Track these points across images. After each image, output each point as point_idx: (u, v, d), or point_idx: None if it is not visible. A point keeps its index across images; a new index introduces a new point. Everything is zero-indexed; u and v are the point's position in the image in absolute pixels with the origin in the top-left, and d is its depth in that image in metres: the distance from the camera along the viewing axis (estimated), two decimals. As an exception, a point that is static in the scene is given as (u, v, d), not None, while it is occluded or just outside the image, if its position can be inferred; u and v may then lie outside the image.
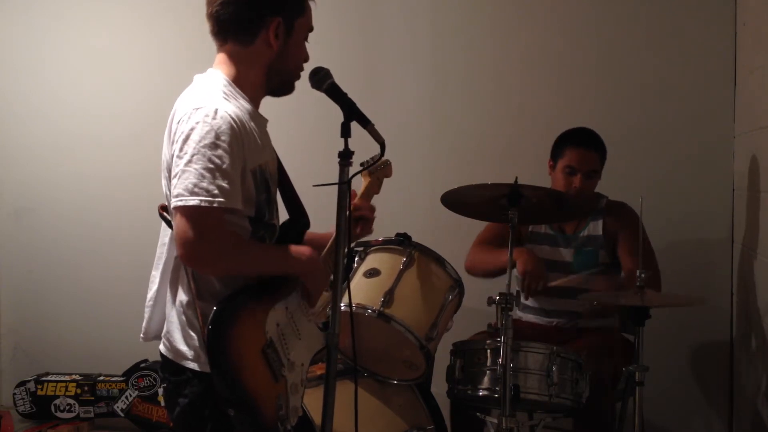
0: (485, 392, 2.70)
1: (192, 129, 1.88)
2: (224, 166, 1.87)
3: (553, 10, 3.81)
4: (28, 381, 4.04)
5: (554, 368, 2.64)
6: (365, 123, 1.98)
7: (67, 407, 4.00)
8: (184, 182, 1.86)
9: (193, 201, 1.85)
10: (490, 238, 3.29)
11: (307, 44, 2.14)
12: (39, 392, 4.02)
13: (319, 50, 2.23)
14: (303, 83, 2.07)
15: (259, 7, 2.02)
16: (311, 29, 2.13)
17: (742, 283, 3.40)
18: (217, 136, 1.87)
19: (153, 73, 4.14)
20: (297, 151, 3.70)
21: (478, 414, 2.87)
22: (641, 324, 2.61)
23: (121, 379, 3.97)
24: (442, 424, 3.01)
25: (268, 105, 2.23)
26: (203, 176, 1.85)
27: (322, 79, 2.01)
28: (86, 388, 4.00)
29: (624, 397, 2.85)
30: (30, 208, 4.36)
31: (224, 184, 1.86)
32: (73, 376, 4.05)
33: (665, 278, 3.27)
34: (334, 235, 2.19)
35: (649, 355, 2.63)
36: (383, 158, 2.08)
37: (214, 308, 1.91)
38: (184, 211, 1.86)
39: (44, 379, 4.05)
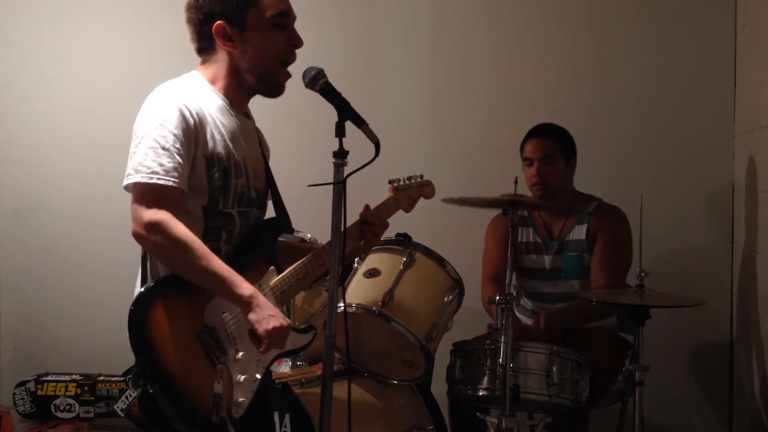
0: (485, 392, 2.70)
1: (145, 115, 2.01)
2: (168, 145, 1.95)
3: (552, 10, 3.81)
4: (28, 381, 4.04)
5: (554, 368, 2.64)
6: (359, 123, 1.98)
7: (67, 407, 4.00)
8: (133, 162, 1.97)
9: (136, 178, 1.95)
10: (496, 273, 3.28)
11: (298, 30, 2.12)
12: (39, 392, 4.02)
13: (319, 50, 2.24)
14: (298, 83, 2.07)
15: (202, 18, 2.09)
16: (282, 14, 2.09)
17: (742, 283, 3.40)
18: (165, 118, 1.97)
19: (154, 73, 4.09)
20: (292, 151, 3.72)
21: (477, 414, 2.87)
22: (641, 324, 2.61)
23: (121, 379, 3.97)
24: (442, 424, 3.01)
25: (264, 106, 2.23)
26: (147, 155, 1.95)
27: (315, 79, 2.01)
28: (86, 388, 4.00)
29: (624, 397, 2.85)
30: (30, 208, 4.36)
31: (166, 162, 1.94)
32: (73, 376, 4.05)
33: (666, 278, 3.27)
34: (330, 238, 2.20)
35: (649, 355, 2.62)
36: (419, 177, 2.32)
37: (141, 288, 2.00)
38: (130, 188, 1.97)
39: (44, 379, 4.05)
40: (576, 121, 3.41)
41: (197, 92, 2.07)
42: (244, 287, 1.98)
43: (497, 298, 2.58)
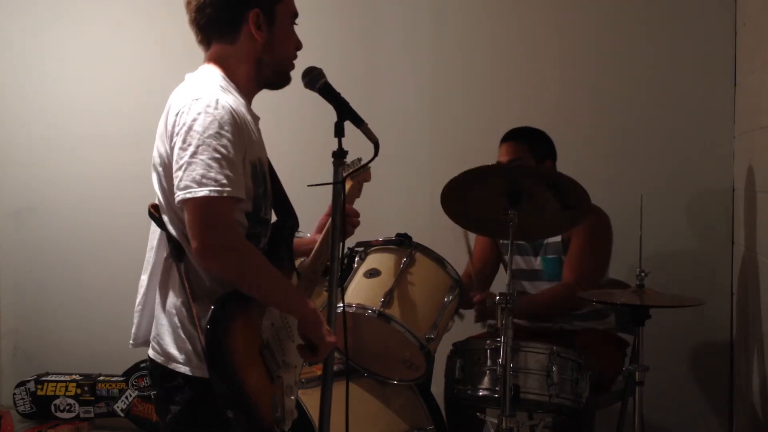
0: (485, 392, 2.70)
1: (194, 120, 1.85)
2: (230, 155, 1.84)
3: (552, 10, 3.81)
4: (28, 381, 4.05)
5: (554, 368, 2.64)
6: (358, 123, 1.97)
7: (67, 407, 4.00)
8: (191, 174, 1.82)
9: (203, 192, 1.80)
10: (475, 270, 3.20)
11: (296, 31, 2.10)
12: (39, 392, 4.02)
13: (319, 50, 2.23)
14: (297, 83, 2.06)
15: (234, 3, 1.98)
16: (296, 14, 2.08)
17: (742, 283, 3.40)
18: (221, 126, 1.84)
19: (154, 73, 4.14)
20: (291, 151, 3.72)
21: (477, 414, 2.87)
22: (641, 324, 2.61)
23: (121, 379, 3.97)
24: (442, 424, 3.01)
25: (263, 105, 2.23)
26: (210, 166, 1.81)
27: (315, 79, 2.00)
28: (86, 388, 4.00)
29: (624, 397, 2.85)
30: (30, 208, 4.36)
31: (231, 174, 1.83)
32: (73, 376, 4.05)
33: (666, 278, 3.27)
34: (321, 238, 2.19)
35: (649, 355, 2.63)
36: (363, 162, 2.09)
37: (212, 307, 1.88)
38: (195, 202, 1.82)
39: (44, 379, 4.05)
40: (576, 122, 3.41)
41: (229, 93, 1.96)
42: (308, 300, 1.97)
43: (497, 297, 2.58)
